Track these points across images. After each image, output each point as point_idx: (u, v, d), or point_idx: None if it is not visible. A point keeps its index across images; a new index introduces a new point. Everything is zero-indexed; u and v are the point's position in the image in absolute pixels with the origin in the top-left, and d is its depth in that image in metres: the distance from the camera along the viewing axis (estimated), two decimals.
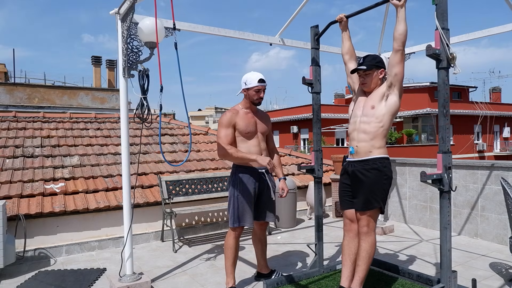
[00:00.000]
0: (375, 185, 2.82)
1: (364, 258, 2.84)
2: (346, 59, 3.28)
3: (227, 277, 3.27)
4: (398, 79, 2.80)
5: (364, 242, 2.85)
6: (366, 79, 2.96)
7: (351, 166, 2.97)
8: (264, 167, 3.27)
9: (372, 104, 2.89)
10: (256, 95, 3.20)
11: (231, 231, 3.24)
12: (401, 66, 2.77)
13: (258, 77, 3.18)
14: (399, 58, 2.75)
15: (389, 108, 2.85)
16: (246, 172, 3.20)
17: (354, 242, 2.99)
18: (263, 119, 3.35)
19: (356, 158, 2.94)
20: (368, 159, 2.86)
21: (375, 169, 2.83)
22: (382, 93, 2.87)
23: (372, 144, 2.85)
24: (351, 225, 3.02)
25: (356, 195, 2.92)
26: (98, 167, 5.57)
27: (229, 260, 3.24)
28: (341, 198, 3.11)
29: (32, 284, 3.58)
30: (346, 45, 3.28)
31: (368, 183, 2.83)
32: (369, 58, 2.98)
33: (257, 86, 3.17)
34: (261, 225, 3.44)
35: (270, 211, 3.34)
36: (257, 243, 3.50)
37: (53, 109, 13.11)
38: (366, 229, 2.85)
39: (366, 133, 2.87)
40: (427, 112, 25.20)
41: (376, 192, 2.82)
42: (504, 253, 4.19)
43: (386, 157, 2.90)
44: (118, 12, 3.34)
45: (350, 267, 2.97)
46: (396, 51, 2.75)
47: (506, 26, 4.14)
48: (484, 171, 4.74)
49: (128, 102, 3.55)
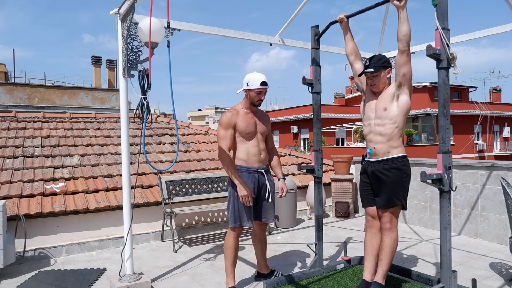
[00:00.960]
0: (396, 183, 2.89)
1: (387, 253, 2.92)
2: (352, 60, 3.27)
3: (227, 277, 3.27)
4: (407, 78, 2.82)
5: (388, 238, 2.92)
6: (375, 80, 2.98)
7: (370, 166, 3.02)
8: (263, 167, 3.27)
9: (384, 105, 2.92)
10: (257, 97, 3.20)
11: (230, 231, 3.24)
12: (408, 65, 2.79)
13: (261, 79, 3.15)
14: (406, 59, 2.77)
15: (401, 108, 2.88)
16: (245, 172, 3.20)
17: (377, 238, 3.05)
18: (263, 120, 3.34)
19: (375, 158, 2.99)
20: (387, 159, 2.92)
21: (395, 168, 2.89)
22: (392, 94, 2.90)
23: (389, 144, 2.91)
24: (373, 222, 3.08)
25: (378, 194, 2.99)
26: (98, 167, 5.57)
27: (229, 260, 3.24)
28: (362, 196, 3.17)
29: (32, 284, 3.58)
30: (350, 46, 3.27)
31: (389, 182, 2.90)
32: (375, 59, 2.99)
33: (258, 88, 3.16)
34: (260, 225, 3.44)
35: (270, 211, 3.34)
36: (257, 243, 3.50)
37: (53, 109, 13.12)
38: (389, 225, 2.92)
39: (382, 135, 2.92)
40: (427, 112, 25.20)
41: (398, 190, 2.89)
42: (504, 253, 4.19)
43: (404, 155, 2.95)
44: (118, 12, 3.34)
45: (372, 262, 3.04)
46: (402, 52, 2.76)
47: (506, 26, 4.14)
48: (484, 171, 4.74)
49: (128, 102, 3.55)
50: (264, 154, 3.30)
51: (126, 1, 3.17)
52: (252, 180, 3.20)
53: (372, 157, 3.02)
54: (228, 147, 3.14)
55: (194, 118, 57.43)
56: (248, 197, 3.07)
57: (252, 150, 3.21)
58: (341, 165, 6.25)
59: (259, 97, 3.20)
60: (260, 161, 3.26)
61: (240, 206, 3.16)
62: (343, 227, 5.60)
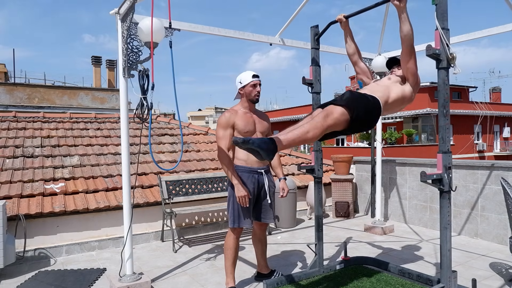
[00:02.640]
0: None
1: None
2: (354, 60, 3.26)
3: (227, 277, 3.27)
4: (411, 72, 2.82)
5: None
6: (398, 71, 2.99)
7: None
8: (263, 167, 3.27)
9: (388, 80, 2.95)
10: (253, 91, 3.19)
11: (230, 232, 3.24)
12: (412, 63, 2.79)
13: (252, 73, 3.20)
14: (408, 58, 2.77)
15: (402, 90, 2.86)
16: (245, 172, 3.20)
17: None
18: (262, 119, 3.34)
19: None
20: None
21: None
22: (397, 80, 2.91)
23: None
24: None
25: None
26: (98, 167, 5.57)
27: (229, 260, 3.24)
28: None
29: (32, 284, 3.58)
30: (352, 46, 3.24)
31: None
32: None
33: (252, 81, 3.18)
34: (260, 226, 3.44)
35: (269, 211, 3.33)
36: (257, 243, 3.50)
37: (53, 109, 13.11)
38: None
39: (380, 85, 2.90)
40: (427, 112, 25.18)
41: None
42: (504, 253, 4.19)
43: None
44: (118, 12, 3.34)
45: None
46: (405, 54, 2.76)
47: (506, 26, 4.14)
48: (484, 171, 4.74)
49: (128, 102, 3.55)
50: None
51: (126, 1, 3.17)
52: (252, 181, 3.20)
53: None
54: (227, 147, 3.14)
55: (194, 118, 57.42)
56: (245, 198, 3.07)
57: None
58: (341, 165, 6.25)
59: (255, 89, 3.20)
60: (260, 161, 3.24)
61: (239, 207, 3.16)
62: (343, 227, 5.60)
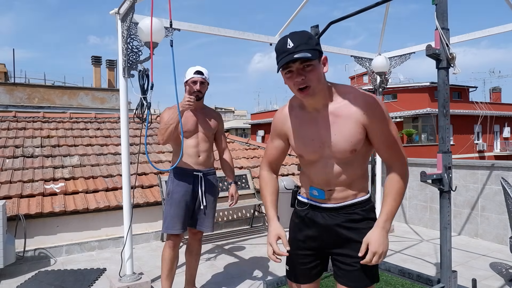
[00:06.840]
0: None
1: None
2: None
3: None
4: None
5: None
6: (309, 75, 1.54)
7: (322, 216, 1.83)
8: (205, 170, 3.00)
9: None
10: (192, 88, 2.91)
11: (166, 241, 2.98)
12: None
13: (195, 69, 2.94)
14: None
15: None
16: (181, 173, 2.94)
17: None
18: (209, 118, 3.05)
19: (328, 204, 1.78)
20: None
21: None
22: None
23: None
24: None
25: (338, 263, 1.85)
26: (98, 167, 5.57)
27: (163, 273, 2.94)
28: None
29: (32, 284, 3.58)
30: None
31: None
32: (299, 37, 1.49)
33: (192, 77, 2.91)
34: (194, 234, 3.11)
35: (206, 218, 3.02)
36: (187, 254, 3.16)
37: (53, 109, 13.11)
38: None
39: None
40: (427, 112, 25.18)
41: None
42: (504, 253, 4.19)
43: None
44: (118, 12, 3.34)
45: None
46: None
47: (506, 26, 4.14)
48: (484, 171, 4.74)
49: (128, 102, 3.55)
50: (205, 156, 3.00)
51: (126, 1, 3.17)
52: (187, 184, 2.94)
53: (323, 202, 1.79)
54: (164, 141, 2.97)
55: None
56: (190, 101, 2.77)
57: (189, 151, 2.93)
58: None
59: (195, 87, 2.91)
60: (198, 163, 2.97)
61: (172, 211, 2.89)
62: None
